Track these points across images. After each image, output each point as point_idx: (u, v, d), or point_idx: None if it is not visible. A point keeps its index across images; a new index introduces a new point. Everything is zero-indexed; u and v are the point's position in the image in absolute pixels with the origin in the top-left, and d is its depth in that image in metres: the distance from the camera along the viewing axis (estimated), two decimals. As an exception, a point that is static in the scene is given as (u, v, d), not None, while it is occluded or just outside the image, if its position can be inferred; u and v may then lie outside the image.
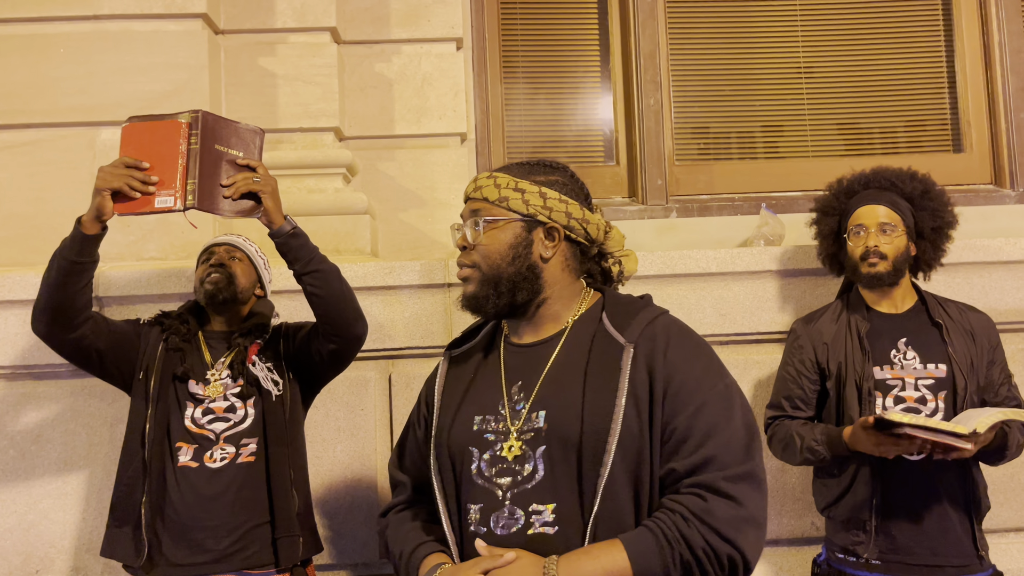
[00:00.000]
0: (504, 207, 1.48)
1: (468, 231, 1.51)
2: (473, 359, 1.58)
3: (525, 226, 1.49)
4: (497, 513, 1.39)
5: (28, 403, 2.57)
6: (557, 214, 1.49)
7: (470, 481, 1.44)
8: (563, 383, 1.43)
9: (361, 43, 3.02)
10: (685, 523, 1.30)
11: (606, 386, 1.38)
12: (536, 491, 1.38)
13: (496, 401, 1.48)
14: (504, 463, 1.41)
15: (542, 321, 1.52)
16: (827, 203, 2.46)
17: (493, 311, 1.50)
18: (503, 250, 1.48)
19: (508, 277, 1.47)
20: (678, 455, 1.35)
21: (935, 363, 2.20)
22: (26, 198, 2.71)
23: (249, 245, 2.33)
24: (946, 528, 2.12)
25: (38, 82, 2.73)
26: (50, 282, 2.01)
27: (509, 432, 1.43)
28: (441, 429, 1.51)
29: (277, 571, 2.11)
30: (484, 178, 1.52)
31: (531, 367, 1.48)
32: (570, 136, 3.39)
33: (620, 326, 1.45)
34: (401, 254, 2.98)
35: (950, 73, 3.41)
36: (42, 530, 2.54)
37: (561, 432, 1.38)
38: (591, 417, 1.37)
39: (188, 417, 2.13)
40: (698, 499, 1.32)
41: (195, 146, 1.93)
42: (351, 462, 2.62)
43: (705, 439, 1.34)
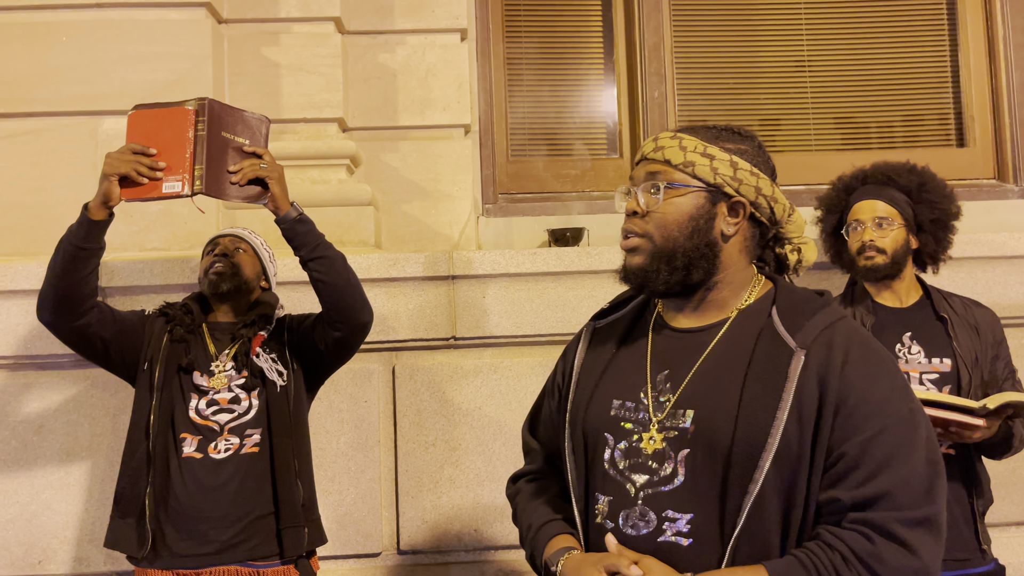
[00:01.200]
0: (689, 173, 1.31)
1: (642, 196, 1.33)
2: (617, 334, 1.43)
3: (710, 197, 1.31)
4: (628, 511, 1.27)
5: (30, 393, 2.57)
6: (746, 188, 1.31)
7: (601, 470, 1.32)
8: (718, 381, 1.27)
9: (365, 33, 3.01)
10: (844, 564, 1.15)
11: (768, 393, 1.22)
12: (673, 496, 1.25)
13: (638, 387, 1.34)
14: (640, 457, 1.28)
15: (707, 307, 1.35)
16: (828, 200, 2.47)
17: (663, 287, 1.32)
18: (683, 221, 1.31)
19: (684, 252, 1.31)
20: (844, 483, 1.18)
21: (940, 357, 2.20)
22: (28, 187, 2.70)
23: (255, 238, 2.32)
24: (948, 522, 2.11)
25: (41, 71, 2.71)
26: (56, 269, 2.01)
27: (650, 422, 1.30)
28: (577, 406, 1.38)
29: (281, 562, 2.11)
30: (667, 138, 1.35)
31: (682, 356, 1.33)
32: (574, 128, 3.38)
33: (792, 326, 1.27)
34: (404, 246, 2.97)
35: (954, 67, 3.41)
36: (44, 521, 2.53)
37: (710, 438, 1.24)
38: (746, 426, 1.21)
39: (192, 408, 2.12)
40: (864, 540, 1.16)
41: (202, 133, 1.93)
42: (355, 453, 2.62)
43: (879, 470, 1.17)
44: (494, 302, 2.69)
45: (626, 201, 1.38)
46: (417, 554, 2.64)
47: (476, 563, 2.64)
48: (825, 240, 2.48)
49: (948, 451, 2.14)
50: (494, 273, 2.68)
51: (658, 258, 1.32)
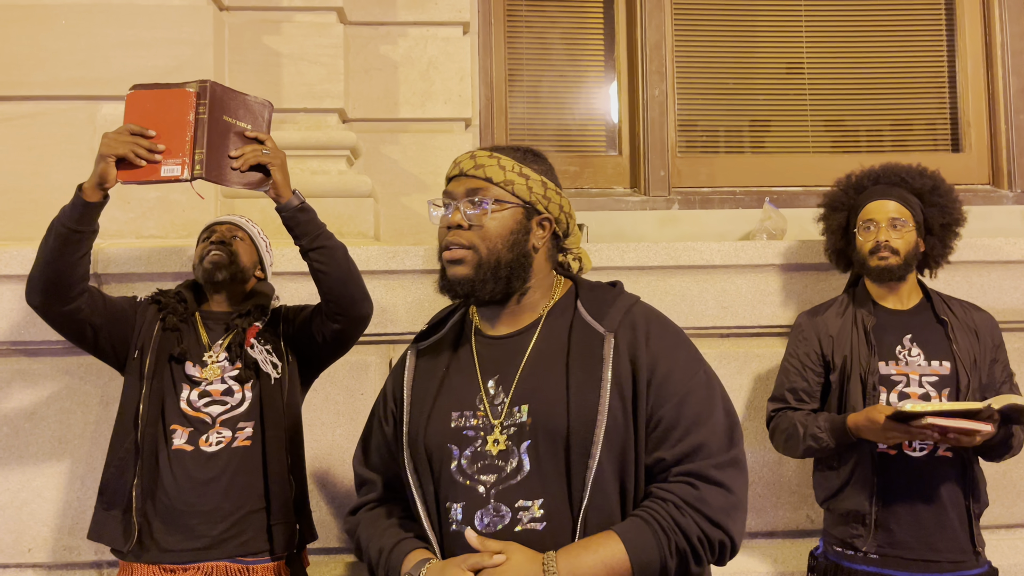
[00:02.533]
0: (509, 191, 1.44)
1: (466, 209, 1.43)
2: (443, 352, 1.53)
3: (526, 213, 1.45)
4: (482, 511, 1.36)
5: (22, 380, 2.53)
6: (552, 206, 1.48)
7: (450, 479, 1.40)
8: (544, 375, 1.40)
9: (367, 24, 3.00)
10: (679, 511, 1.31)
11: (589, 377, 1.37)
12: (522, 487, 1.35)
13: (473, 396, 1.44)
14: (487, 459, 1.38)
15: (521, 311, 1.49)
16: (835, 198, 2.46)
17: (488, 296, 1.44)
18: (505, 234, 1.43)
19: (507, 263, 1.43)
20: (666, 444, 1.35)
21: (939, 360, 2.21)
22: (24, 172, 2.67)
23: (252, 226, 2.29)
24: (944, 523, 2.13)
25: (38, 54, 2.68)
26: (47, 251, 1.95)
27: (491, 427, 1.39)
28: (415, 426, 1.46)
29: (272, 558, 2.08)
30: (485, 156, 1.46)
31: (507, 359, 1.44)
32: (573, 125, 3.38)
33: (597, 315, 1.43)
34: (403, 238, 2.96)
35: (951, 73, 3.43)
36: (35, 508, 2.50)
37: (547, 425, 1.36)
38: (577, 409, 1.35)
39: (184, 399, 2.08)
40: (689, 487, 1.32)
41: (203, 116, 1.88)
42: (350, 446, 2.60)
43: (692, 428, 1.35)
44: (493, 297, 2.68)
45: (439, 213, 1.49)
46: (410, 548, 2.63)
47: (470, 558, 2.63)
48: (828, 237, 2.47)
49: (945, 453, 2.14)
50: (493, 267, 2.67)
51: (484, 269, 1.43)
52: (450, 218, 1.45)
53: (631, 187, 3.29)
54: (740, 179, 3.30)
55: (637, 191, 3.27)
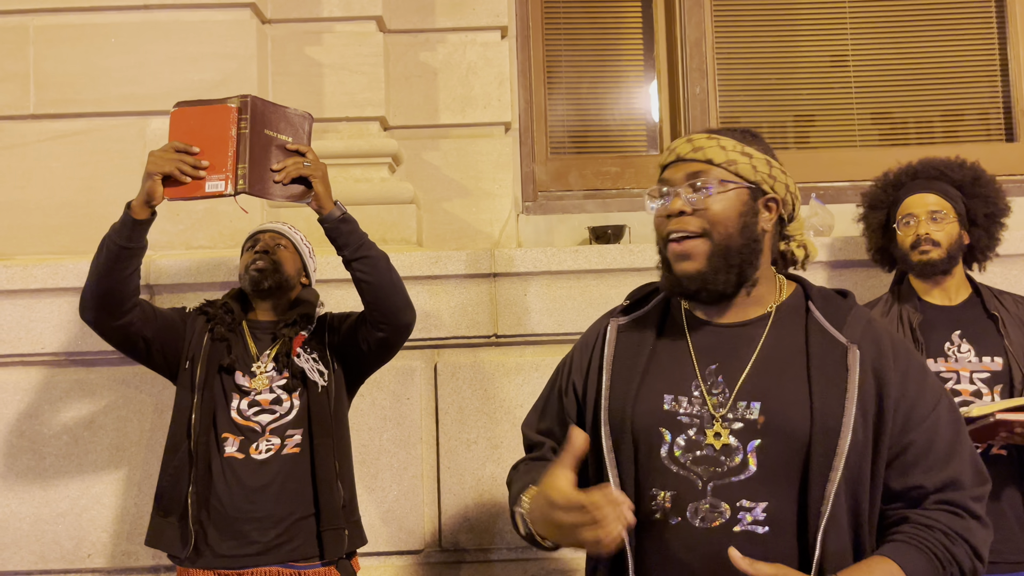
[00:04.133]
0: (733, 171, 1.33)
1: (687, 195, 1.33)
2: (647, 331, 1.42)
3: (752, 194, 1.34)
4: (696, 504, 1.28)
5: (80, 390, 2.61)
6: (779, 185, 1.36)
7: (659, 465, 1.31)
8: (779, 374, 1.30)
9: (406, 32, 3.02)
10: (950, 541, 1.24)
11: (834, 386, 1.27)
12: (746, 486, 1.26)
13: (688, 381, 1.34)
14: (704, 449, 1.29)
15: (748, 303, 1.37)
16: (874, 196, 2.42)
17: (721, 289, 1.33)
18: (734, 217, 1.32)
19: (738, 249, 1.32)
20: (918, 469, 1.27)
21: (991, 356, 2.15)
22: (78, 187, 2.75)
23: (295, 233, 2.32)
24: (1001, 523, 2.07)
25: (89, 72, 2.76)
26: (98, 268, 2.01)
27: (711, 417, 1.30)
28: (621, 402, 1.36)
29: (322, 563, 2.12)
30: (704, 139, 1.36)
31: (729, 351, 1.35)
32: (613, 125, 3.36)
33: (835, 322, 1.33)
34: (446, 243, 2.97)
35: (1003, 60, 3.33)
36: (94, 515, 2.58)
37: (785, 429, 1.27)
38: (821, 417, 1.25)
39: (234, 409, 2.13)
40: (956, 517, 1.26)
41: (245, 131, 1.91)
42: (397, 450, 2.63)
43: (948, 457, 1.28)
44: (536, 300, 2.68)
45: (656, 203, 1.38)
46: (459, 551, 2.64)
47: (519, 561, 2.64)
48: (869, 236, 2.44)
49: (999, 451, 2.09)
50: (535, 271, 2.67)
51: (717, 257, 1.32)
52: (670, 206, 1.35)
53: (673, 186, 3.26)
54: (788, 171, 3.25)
55: (680, 190, 3.24)
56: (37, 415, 2.59)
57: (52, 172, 2.77)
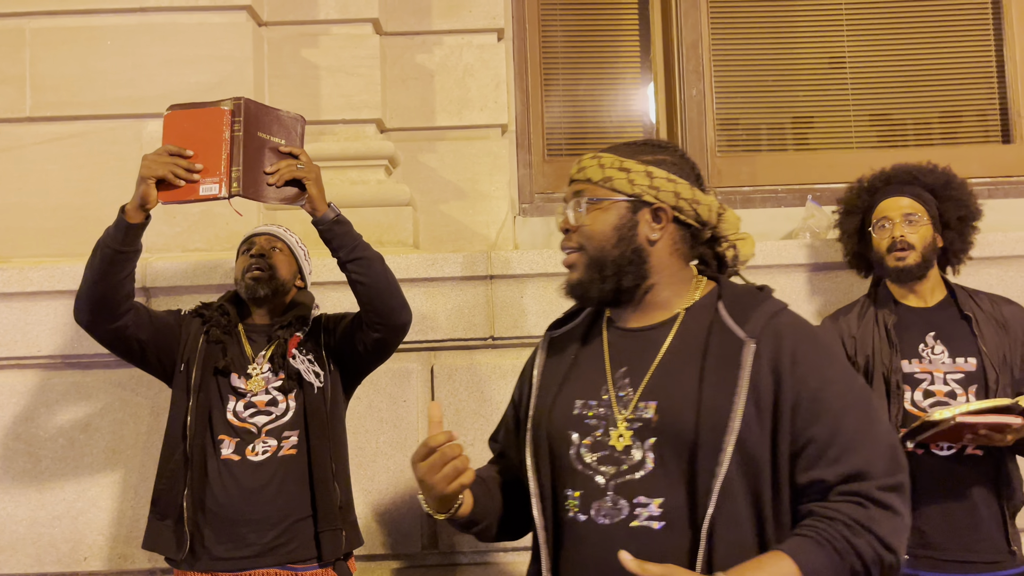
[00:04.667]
0: (608, 187, 1.41)
1: (570, 213, 1.44)
2: (574, 341, 1.51)
3: (630, 207, 1.41)
4: (598, 501, 1.34)
5: (76, 393, 2.61)
6: (664, 194, 1.40)
7: (568, 466, 1.39)
8: (677, 374, 1.36)
9: (403, 34, 3.02)
10: (851, 532, 1.24)
11: (724, 382, 1.31)
12: (643, 483, 1.32)
13: (599, 385, 1.41)
14: (608, 450, 1.36)
15: (649, 308, 1.44)
16: (849, 202, 2.45)
17: (597, 296, 1.42)
18: (607, 231, 1.40)
19: (613, 260, 1.40)
20: (821, 463, 1.28)
21: (964, 357, 2.18)
22: (74, 189, 2.74)
23: (290, 235, 2.32)
24: (977, 523, 2.11)
25: (86, 74, 2.76)
26: (93, 271, 2.01)
27: (614, 419, 1.37)
28: (540, 411, 1.45)
29: (319, 565, 2.11)
30: (588, 159, 1.45)
31: (639, 353, 1.41)
32: (610, 127, 3.36)
33: (739, 319, 1.36)
34: (442, 246, 2.97)
35: (999, 62, 3.34)
36: (91, 518, 2.57)
37: (674, 426, 1.32)
38: (708, 413, 1.30)
39: (230, 410, 2.13)
40: (859, 507, 1.25)
41: (238, 133, 1.91)
42: (394, 452, 2.63)
43: (851, 448, 1.28)
44: (532, 302, 2.68)
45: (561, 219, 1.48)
46: (455, 553, 2.64)
47: (516, 563, 2.64)
48: (845, 242, 2.47)
49: (974, 451, 2.12)
50: (532, 273, 2.67)
51: (592, 268, 1.41)
52: (559, 224, 1.47)
53: (670, 188, 3.26)
54: (782, 177, 3.25)
55: (677, 192, 3.24)
56: (33, 418, 2.59)
57: (48, 175, 2.77)
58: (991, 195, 3.16)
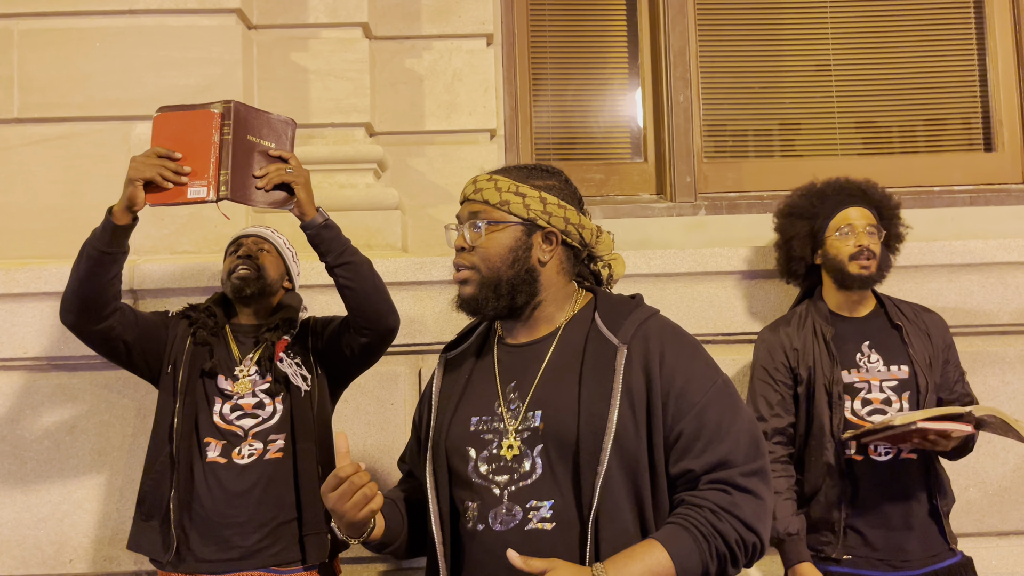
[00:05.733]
0: (505, 210, 1.50)
1: (467, 232, 1.51)
2: (468, 360, 1.60)
3: (525, 230, 1.50)
4: (495, 509, 1.42)
5: (62, 395, 2.60)
6: (556, 219, 1.51)
7: (466, 480, 1.47)
8: (558, 383, 1.46)
9: (392, 39, 3.03)
10: (716, 517, 1.35)
11: (601, 386, 1.41)
12: (534, 488, 1.41)
13: (492, 401, 1.50)
14: (502, 462, 1.44)
15: (536, 323, 1.54)
16: (797, 206, 2.44)
17: (492, 313, 1.51)
18: (503, 253, 1.49)
19: (508, 280, 1.49)
20: (690, 455, 1.39)
21: (897, 364, 2.24)
22: (62, 191, 2.74)
23: (278, 237, 2.32)
24: (912, 523, 2.17)
25: (73, 76, 2.75)
26: (80, 272, 2.01)
27: (507, 432, 1.46)
28: (439, 431, 1.53)
29: (304, 568, 2.12)
30: (484, 180, 1.53)
31: (525, 366, 1.51)
32: (598, 133, 3.38)
33: (612, 326, 1.47)
34: (430, 249, 2.98)
35: (982, 71, 3.38)
36: (76, 520, 2.56)
37: (558, 431, 1.41)
38: (587, 417, 1.39)
39: (217, 413, 2.13)
40: (723, 494, 1.37)
41: (228, 136, 1.91)
42: (381, 456, 2.63)
43: (715, 438, 1.39)
44: (520, 306, 2.69)
45: (452, 236, 1.56)
46: (442, 557, 2.64)
47: (501, 566, 2.64)
48: (791, 246, 2.43)
49: (909, 455, 2.18)
50: (520, 277, 2.68)
51: (486, 287, 1.49)
52: (455, 242, 1.55)
53: (657, 194, 3.29)
54: (768, 183, 3.28)
55: (663, 198, 3.26)
56: (18, 420, 2.58)
57: (35, 176, 2.76)
58: (973, 203, 3.20)
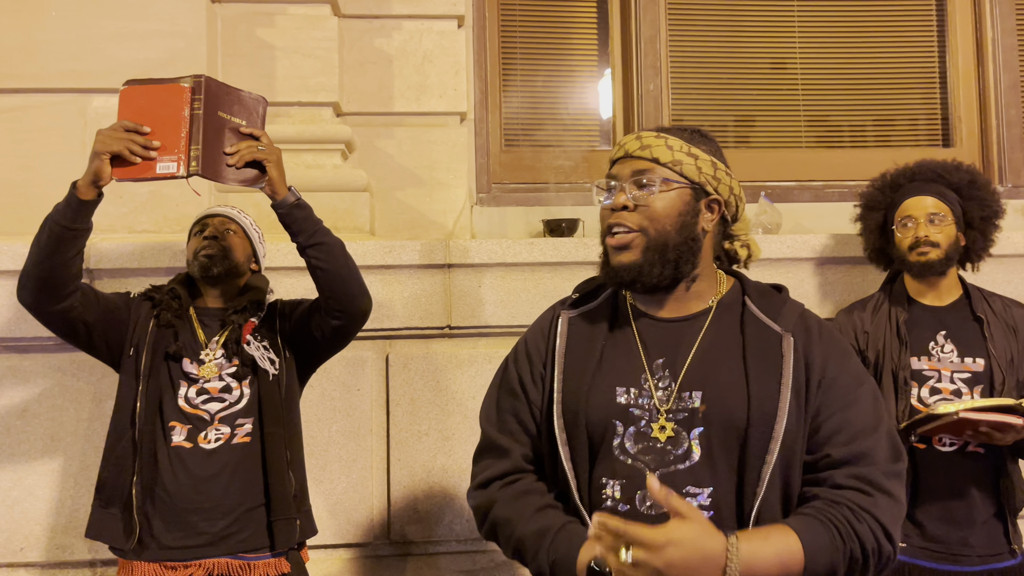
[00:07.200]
0: (677, 171, 1.38)
1: (632, 191, 1.38)
2: (598, 324, 1.46)
3: (694, 195, 1.39)
4: (644, 491, 1.32)
5: (13, 377, 2.50)
6: (723, 187, 1.41)
7: (609, 455, 1.35)
8: (718, 365, 1.36)
9: (362, 17, 2.96)
10: (855, 517, 1.27)
11: (769, 373, 1.34)
12: (691, 473, 1.32)
13: (637, 375, 1.39)
14: (651, 441, 1.34)
15: (689, 298, 1.43)
16: (872, 198, 2.46)
17: (654, 281, 1.39)
18: (673, 215, 1.38)
19: (675, 245, 1.38)
20: (830, 444, 1.32)
21: (973, 357, 2.21)
22: (14, 166, 2.62)
23: (244, 217, 2.26)
24: (974, 518, 2.14)
25: (28, 46, 2.64)
26: (40, 249, 1.93)
27: (657, 411, 1.36)
28: (575, 395, 1.39)
29: (272, 554, 2.07)
30: (652, 137, 1.41)
31: (673, 344, 1.40)
32: (567, 119, 3.37)
33: (771, 314, 1.40)
34: (398, 233, 2.94)
35: (942, 68, 3.44)
36: (27, 507, 2.47)
37: (723, 415, 1.32)
38: (758, 403, 1.31)
39: (182, 396, 2.07)
40: (862, 494, 1.29)
41: (198, 111, 1.87)
42: (347, 442, 2.59)
43: (859, 435, 1.32)
44: (490, 291, 2.67)
45: (604, 197, 1.43)
46: (408, 544, 2.62)
47: (467, 553, 2.63)
48: (866, 237, 2.48)
49: (976, 449, 2.15)
50: (490, 262, 2.66)
51: (652, 251, 1.38)
52: (615, 200, 1.40)
53: (626, 182, 3.28)
54: (734, 173, 3.28)
55: (632, 186, 3.26)
56: (-34, 403, 2.48)
57: (-14, 150, 2.65)
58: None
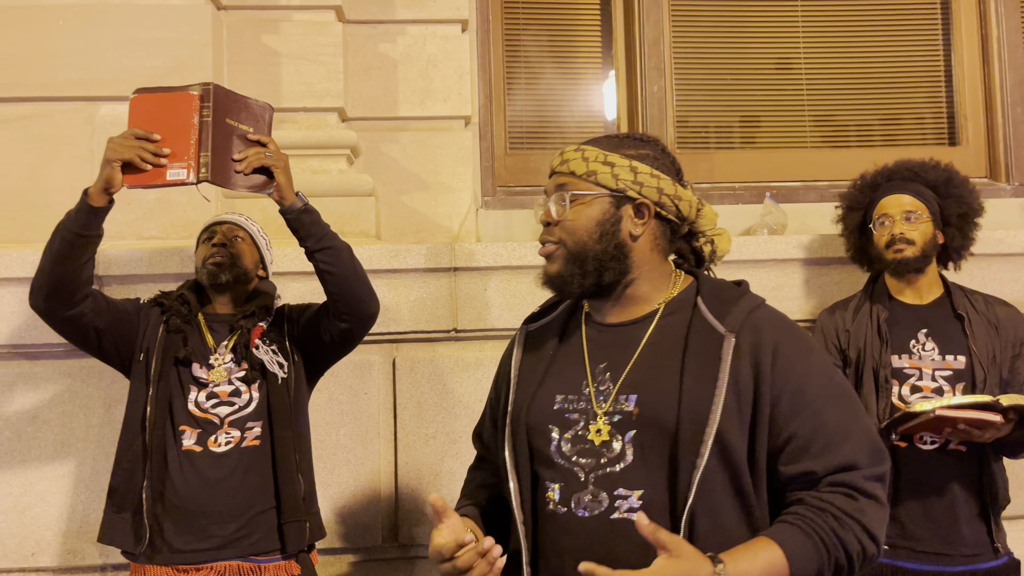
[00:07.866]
0: (592, 181, 1.40)
1: (553, 206, 1.42)
2: (552, 335, 1.50)
3: (614, 202, 1.40)
4: (579, 494, 1.34)
5: (25, 383, 2.52)
6: (648, 189, 1.39)
7: (548, 460, 1.39)
8: (657, 368, 1.36)
9: (366, 23, 2.98)
10: (839, 524, 1.26)
11: (705, 375, 1.32)
12: (623, 475, 1.32)
13: (579, 380, 1.42)
14: (587, 444, 1.36)
15: (629, 302, 1.44)
16: (851, 198, 2.47)
17: (578, 290, 1.42)
18: (590, 226, 1.40)
19: (595, 255, 1.40)
20: (808, 455, 1.29)
21: (954, 355, 2.21)
22: (22, 174, 2.65)
23: (251, 224, 2.29)
24: (956, 517, 2.13)
25: (36, 55, 2.66)
26: (52, 255, 1.96)
27: (595, 414, 1.37)
28: (519, 406, 1.45)
29: (282, 557, 2.09)
30: (571, 151, 1.44)
31: (618, 348, 1.41)
32: (571, 122, 3.37)
33: (718, 313, 1.37)
34: (404, 237, 2.95)
35: (947, 67, 3.44)
36: (38, 513, 2.49)
37: (655, 418, 1.33)
38: (689, 406, 1.30)
39: (192, 401, 2.10)
40: (849, 499, 1.27)
41: (207, 118, 1.90)
42: (354, 446, 2.60)
43: (836, 440, 1.29)
44: (495, 295, 2.68)
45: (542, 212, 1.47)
46: (415, 546, 2.63)
47: (476, 556, 2.63)
48: (847, 237, 2.49)
49: (957, 447, 2.15)
50: (496, 266, 2.67)
51: (572, 263, 1.41)
52: (542, 215, 1.46)
53: (631, 183, 3.29)
54: (739, 174, 3.30)
55: (637, 187, 3.26)
56: (-22, 409, 2.50)
57: (-5, 158, 2.67)
58: (939, 195, 3.26)
